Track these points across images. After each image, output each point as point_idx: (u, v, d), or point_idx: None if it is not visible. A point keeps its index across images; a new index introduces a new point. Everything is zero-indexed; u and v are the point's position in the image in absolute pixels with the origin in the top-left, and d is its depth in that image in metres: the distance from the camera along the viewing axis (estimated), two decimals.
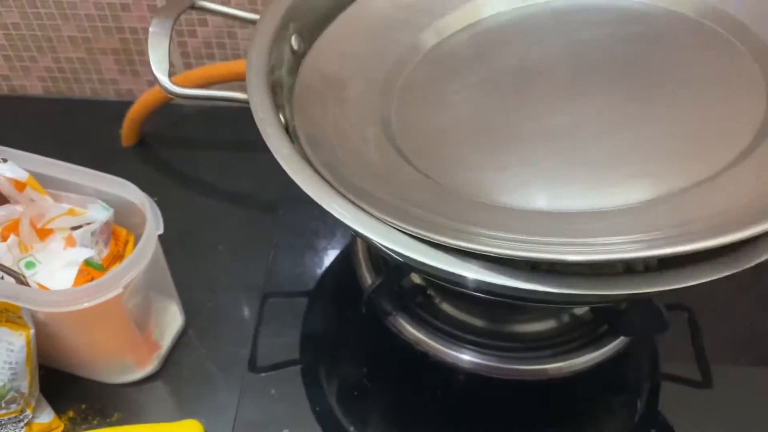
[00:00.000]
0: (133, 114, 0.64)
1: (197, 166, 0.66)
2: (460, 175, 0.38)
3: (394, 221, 0.33)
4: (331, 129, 0.41)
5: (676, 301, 0.55)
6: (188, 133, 0.70)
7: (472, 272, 0.31)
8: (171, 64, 0.67)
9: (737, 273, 0.32)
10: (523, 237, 0.31)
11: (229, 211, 0.63)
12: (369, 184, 0.37)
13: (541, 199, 0.35)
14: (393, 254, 0.33)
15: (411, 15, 0.47)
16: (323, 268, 0.58)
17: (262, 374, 0.51)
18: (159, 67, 0.40)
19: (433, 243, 0.32)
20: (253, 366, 0.52)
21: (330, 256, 0.59)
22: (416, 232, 0.32)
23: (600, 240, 0.30)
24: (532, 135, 0.39)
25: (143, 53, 0.67)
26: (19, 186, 0.48)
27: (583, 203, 0.34)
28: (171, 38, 0.41)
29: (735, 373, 0.52)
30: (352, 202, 0.34)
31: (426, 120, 0.43)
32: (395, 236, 0.33)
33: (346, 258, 0.57)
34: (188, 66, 0.68)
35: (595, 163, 0.36)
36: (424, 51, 0.47)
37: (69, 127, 0.69)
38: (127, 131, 0.66)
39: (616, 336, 0.47)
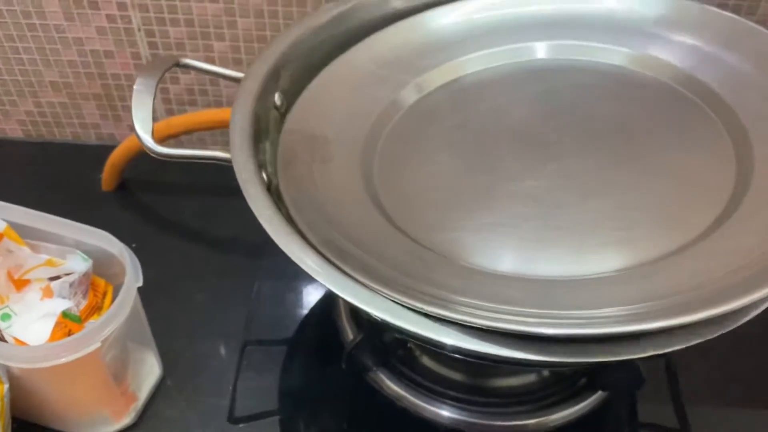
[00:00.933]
0: (114, 159, 0.64)
1: (179, 212, 0.66)
2: (439, 236, 0.39)
3: (374, 284, 0.33)
4: (314, 187, 0.41)
5: None
6: (170, 177, 0.69)
7: (449, 338, 0.31)
8: (153, 110, 0.68)
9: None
10: (500, 306, 0.32)
11: (210, 257, 0.62)
12: (350, 245, 0.37)
13: (516, 263, 0.36)
14: (374, 318, 0.34)
15: (392, 72, 0.48)
16: (304, 316, 0.58)
17: (242, 425, 0.51)
18: (143, 127, 0.40)
19: (411, 307, 0.32)
20: (232, 417, 0.51)
21: (311, 303, 0.58)
22: (392, 296, 0.33)
23: (575, 312, 0.30)
24: (510, 196, 0.40)
25: (125, 99, 0.67)
26: None
27: (559, 269, 0.35)
28: (155, 96, 0.41)
29: (712, 417, 0.52)
30: (334, 265, 0.34)
31: (407, 177, 0.43)
32: (375, 301, 0.33)
33: (328, 305, 0.57)
34: (170, 112, 0.68)
35: (571, 228, 0.37)
36: (405, 107, 0.47)
37: (49, 171, 0.69)
38: (108, 176, 0.66)
39: (595, 390, 0.48)
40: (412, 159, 0.44)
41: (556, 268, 0.35)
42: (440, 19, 0.50)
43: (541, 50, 0.49)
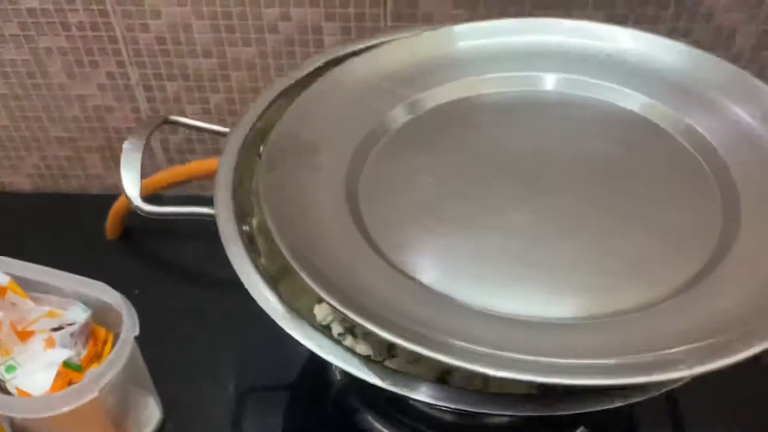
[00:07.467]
0: (116, 208, 0.66)
1: (180, 256, 0.68)
2: (412, 258, 0.38)
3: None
4: (297, 198, 0.40)
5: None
6: (171, 223, 0.71)
7: (420, 395, 0.33)
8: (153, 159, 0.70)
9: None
10: (469, 346, 0.31)
11: (211, 300, 0.63)
12: (331, 272, 0.36)
13: (485, 297, 0.35)
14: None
15: (394, 85, 0.47)
16: (304, 359, 0.58)
17: None
18: (131, 185, 0.42)
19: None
20: None
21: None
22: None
23: (542, 360, 0.30)
24: (491, 228, 0.39)
25: None
26: (0, 291, 0.49)
27: (529, 308, 0.34)
28: (144, 154, 0.43)
29: None
30: (311, 325, 0.36)
31: (390, 197, 0.42)
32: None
33: None
34: (171, 162, 0.70)
35: (547, 267, 0.37)
36: (400, 124, 0.46)
37: (56, 221, 0.71)
38: (111, 224, 0.68)
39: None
40: (398, 178, 0.43)
41: (524, 307, 0.34)
42: (450, 37, 0.49)
43: (550, 82, 0.48)
